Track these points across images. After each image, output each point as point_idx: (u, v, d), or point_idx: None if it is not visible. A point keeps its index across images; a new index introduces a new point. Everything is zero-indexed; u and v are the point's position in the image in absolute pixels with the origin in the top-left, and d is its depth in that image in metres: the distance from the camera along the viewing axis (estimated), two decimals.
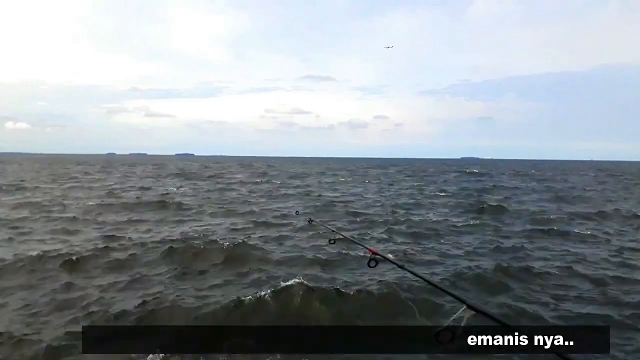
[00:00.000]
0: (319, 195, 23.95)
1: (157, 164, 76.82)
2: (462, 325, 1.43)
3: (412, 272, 1.98)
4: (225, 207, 18.21)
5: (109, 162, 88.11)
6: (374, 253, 2.21)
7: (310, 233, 11.99)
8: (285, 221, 14.57)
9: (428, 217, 15.95)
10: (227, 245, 10.16)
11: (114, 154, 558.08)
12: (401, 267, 2.08)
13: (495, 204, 19.35)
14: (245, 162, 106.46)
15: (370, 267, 2.18)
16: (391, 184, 34.32)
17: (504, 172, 61.01)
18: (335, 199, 21.86)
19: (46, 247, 10.09)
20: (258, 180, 36.49)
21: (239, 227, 13.45)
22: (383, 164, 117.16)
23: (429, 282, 1.83)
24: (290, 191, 26.63)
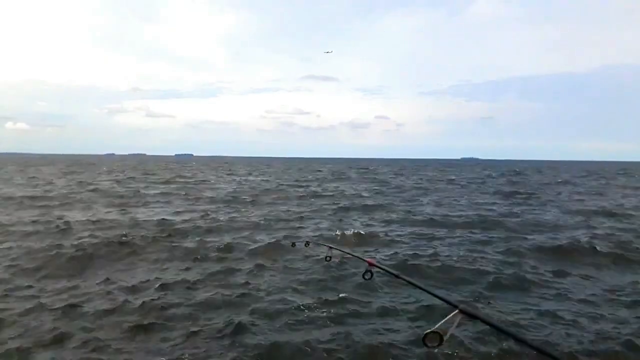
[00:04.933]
0: None
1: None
2: (453, 328, 1.43)
3: (407, 280, 1.93)
4: None
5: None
6: (371, 264, 1.97)
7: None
8: None
9: None
10: None
11: (114, 154, 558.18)
12: (397, 276, 1.96)
13: None
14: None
15: (365, 279, 2.00)
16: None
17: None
18: None
19: None
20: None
21: None
22: (388, 163, 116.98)
23: (423, 289, 1.79)
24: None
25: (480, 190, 28.63)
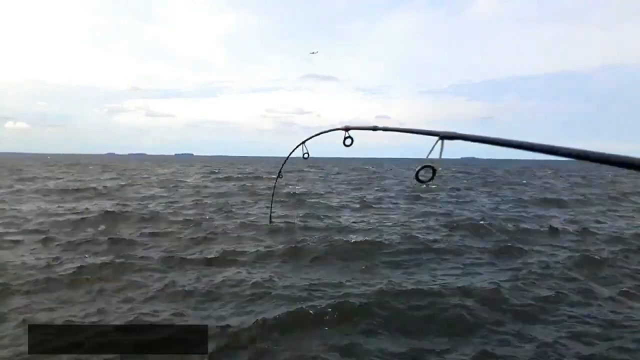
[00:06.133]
0: None
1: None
2: (440, 155, 1.43)
3: (385, 129, 2.04)
4: None
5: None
6: (347, 129, 1.98)
7: None
8: None
9: None
10: None
11: (114, 153, 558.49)
12: (374, 129, 2.04)
13: None
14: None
15: (346, 145, 2.04)
16: None
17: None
18: None
19: None
20: None
21: None
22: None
23: (402, 130, 1.88)
24: None
25: None
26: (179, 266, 7.89)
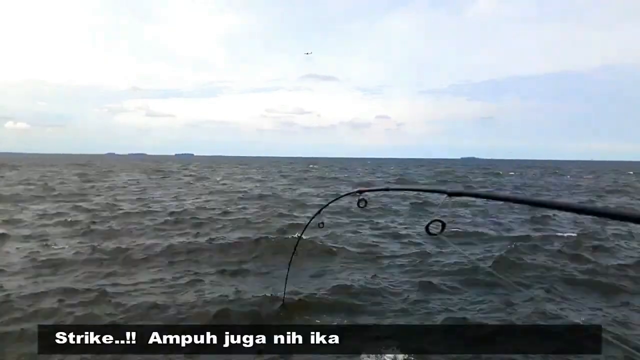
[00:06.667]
0: None
1: None
2: (449, 210, 1.52)
3: (395, 189, 2.16)
4: None
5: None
6: (362, 191, 2.08)
7: None
8: None
9: None
10: None
11: (114, 153, 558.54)
12: (386, 189, 2.70)
13: None
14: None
15: (360, 207, 2.10)
16: None
17: None
18: None
19: None
20: None
21: None
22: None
23: (411, 189, 2.03)
24: None
25: None
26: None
